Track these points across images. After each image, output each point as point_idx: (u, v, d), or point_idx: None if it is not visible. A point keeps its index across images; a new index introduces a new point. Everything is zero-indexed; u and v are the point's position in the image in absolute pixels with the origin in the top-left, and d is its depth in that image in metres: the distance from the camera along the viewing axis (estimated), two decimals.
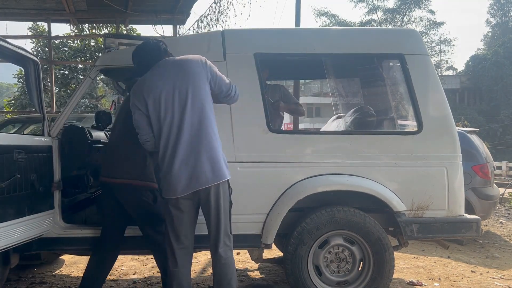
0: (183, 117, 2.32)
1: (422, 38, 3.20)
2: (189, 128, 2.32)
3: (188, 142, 2.32)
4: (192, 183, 2.31)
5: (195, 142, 2.32)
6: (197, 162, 2.30)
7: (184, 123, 2.32)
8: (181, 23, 9.21)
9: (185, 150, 2.31)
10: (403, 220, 2.88)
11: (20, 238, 2.50)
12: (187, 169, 2.30)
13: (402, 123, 3.26)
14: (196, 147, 2.32)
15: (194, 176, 2.30)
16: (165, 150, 2.35)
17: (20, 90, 11.92)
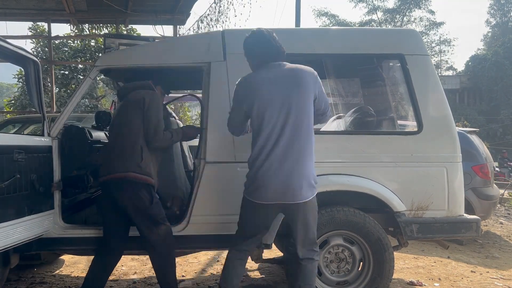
0: (285, 127, 2.30)
1: (422, 38, 3.20)
2: (288, 139, 2.29)
3: (284, 152, 2.29)
4: (283, 195, 2.29)
5: (292, 154, 2.29)
6: (292, 174, 2.27)
7: (285, 133, 2.30)
8: (181, 23, 9.21)
9: (281, 160, 2.29)
10: (403, 220, 2.89)
11: (20, 238, 2.50)
12: (280, 179, 2.27)
13: (402, 123, 3.26)
14: (293, 159, 2.28)
15: (286, 188, 2.28)
16: (259, 154, 2.32)
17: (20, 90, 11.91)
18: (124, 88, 2.92)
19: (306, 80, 2.36)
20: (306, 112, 2.34)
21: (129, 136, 2.68)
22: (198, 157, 2.91)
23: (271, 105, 2.32)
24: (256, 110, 2.35)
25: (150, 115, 2.67)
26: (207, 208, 2.88)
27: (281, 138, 2.29)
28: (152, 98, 2.72)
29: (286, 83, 2.34)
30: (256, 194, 2.34)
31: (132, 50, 3.90)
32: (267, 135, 2.31)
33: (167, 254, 2.72)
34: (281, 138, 2.29)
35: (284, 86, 2.33)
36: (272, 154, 2.29)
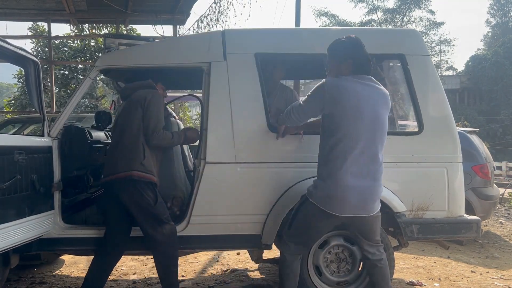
0: (373, 143, 2.34)
1: (423, 38, 3.20)
2: (374, 154, 2.35)
3: (368, 166, 2.34)
4: (360, 209, 2.34)
5: (374, 169, 2.35)
6: (370, 190, 2.35)
7: (372, 149, 2.34)
8: (181, 23, 9.21)
9: (364, 173, 2.33)
10: (403, 220, 2.88)
11: (20, 239, 2.49)
12: (361, 194, 2.32)
13: (402, 123, 3.26)
14: (374, 174, 2.36)
15: (364, 202, 2.34)
16: (341, 164, 2.31)
17: (20, 90, 11.91)
18: (126, 89, 2.94)
19: (389, 103, 2.45)
20: (386, 132, 2.43)
21: (131, 135, 2.69)
22: (198, 157, 2.91)
23: (361, 117, 2.32)
24: (341, 118, 2.32)
25: (149, 112, 2.68)
26: (207, 209, 2.88)
27: (367, 153, 2.33)
28: (153, 97, 2.74)
29: (377, 100, 2.38)
30: (334, 207, 2.35)
31: (132, 50, 3.90)
32: (351, 148, 2.31)
33: (171, 253, 2.73)
34: (366, 153, 2.33)
35: (375, 103, 2.36)
36: (356, 168, 2.31)
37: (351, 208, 2.34)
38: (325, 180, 2.38)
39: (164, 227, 2.69)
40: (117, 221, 2.76)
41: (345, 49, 2.45)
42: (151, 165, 2.70)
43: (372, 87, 2.40)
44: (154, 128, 2.67)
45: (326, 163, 2.39)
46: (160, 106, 2.76)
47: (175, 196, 3.10)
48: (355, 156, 2.31)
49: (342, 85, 2.37)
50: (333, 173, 2.34)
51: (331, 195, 2.35)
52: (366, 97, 2.34)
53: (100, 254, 2.79)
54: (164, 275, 2.75)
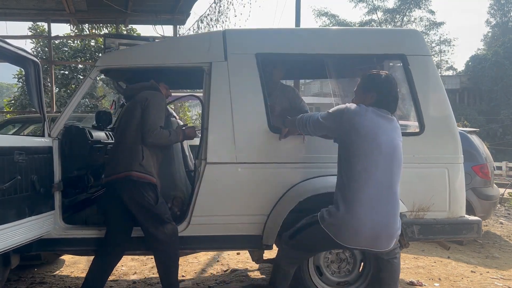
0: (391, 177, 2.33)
1: (424, 39, 3.19)
2: (391, 190, 2.33)
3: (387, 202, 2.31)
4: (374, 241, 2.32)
5: (391, 205, 2.33)
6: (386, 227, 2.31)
7: (389, 183, 2.32)
8: (181, 23, 9.21)
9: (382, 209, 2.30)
10: (404, 221, 2.87)
11: (21, 239, 2.49)
12: (373, 225, 2.28)
13: (403, 123, 3.25)
14: (391, 209, 2.33)
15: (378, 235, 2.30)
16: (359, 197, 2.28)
17: (20, 90, 11.90)
18: (129, 89, 2.96)
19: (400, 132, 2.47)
20: (402, 165, 2.41)
21: (131, 135, 2.70)
22: (199, 158, 2.91)
23: (379, 150, 2.31)
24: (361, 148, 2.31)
25: (147, 112, 2.68)
26: (208, 209, 2.88)
27: (382, 187, 2.30)
28: (153, 98, 2.74)
29: (394, 133, 2.40)
30: (346, 238, 2.32)
31: (132, 50, 3.89)
32: (368, 180, 2.28)
33: (172, 253, 2.73)
34: (382, 187, 2.30)
35: (393, 136, 2.38)
36: (374, 202, 2.28)
37: (363, 241, 2.31)
38: (339, 209, 2.33)
39: (166, 227, 2.69)
40: (118, 221, 2.76)
41: (384, 84, 2.45)
42: (150, 165, 2.70)
43: (390, 120, 2.42)
44: (151, 127, 2.66)
45: (342, 192, 2.35)
46: (160, 106, 2.76)
47: (176, 196, 3.10)
48: (372, 189, 2.28)
49: (362, 113, 2.36)
50: (348, 204, 2.30)
51: (344, 226, 2.30)
52: (384, 129, 2.35)
53: (101, 254, 2.79)
54: (164, 275, 2.75)
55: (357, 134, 2.32)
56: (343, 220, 2.30)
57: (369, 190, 2.28)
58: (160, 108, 2.76)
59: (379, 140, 2.32)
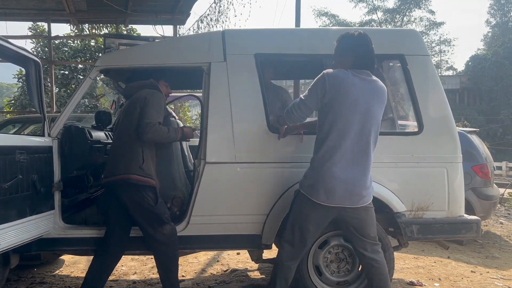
0: (363, 134, 2.38)
1: (422, 39, 3.20)
2: (364, 146, 2.39)
3: (357, 157, 2.37)
4: (348, 198, 2.36)
5: (363, 160, 2.39)
6: (360, 179, 2.38)
7: (362, 140, 2.38)
8: (181, 23, 9.21)
9: (353, 164, 2.36)
10: (403, 221, 2.89)
11: (21, 239, 2.49)
12: (348, 182, 2.34)
13: (402, 123, 3.26)
14: (363, 165, 2.39)
15: (352, 192, 2.36)
16: (331, 154, 2.36)
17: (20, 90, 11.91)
18: (129, 88, 2.94)
19: (385, 97, 2.49)
20: (378, 126, 2.45)
21: (130, 136, 2.69)
22: (198, 158, 2.91)
23: (354, 109, 2.36)
24: (337, 108, 2.37)
25: (146, 109, 2.67)
26: (207, 209, 2.88)
27: (356, 145, 2.36)
28: (152, 96, 2.73)
29: (372, 95, 2.41)
30: (320, 196, 2.37)
31: (132, 50, 3.90)
32: (342, 138, 2.36)
33: (172, 253, 2.74)
34: (356, 145, 2.36)
35: (369, 96, 2.40)
36: (346, 158, 2.35)
37: (337, 198, 2.35)
38: (314, 169, 2.43)
39: (165, 227, 2.69)
40: (117, 221, 2.76)
41: (351, 42, 2.49)
42: (150, 168, 2.70)
43: (368, 82, 2.44)
44: (149, 122, 2.63)
45: (317, 153, 2.43)
46: (158, 104, 2.74)
47: (175, 196, 3.10)
48: (345, 148, 2.35)
49: (341, 76, 2.41)
50: (321, 163, 2.39)
51: (317, 184, 2.38)
52: (362, 91, 2.39)
53: (100, 254, 2.79)
54: (165, 275, 2.76)
55: (338, 94, 2.37)
56: (318, 179, 2.37)
57: (342, 149, 2.35)
58: (159, 106, 2.74)
59: (356, 101, 2.36)
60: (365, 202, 2.43)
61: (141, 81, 2.89)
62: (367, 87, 2.42)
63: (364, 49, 2.47)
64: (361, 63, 2.46)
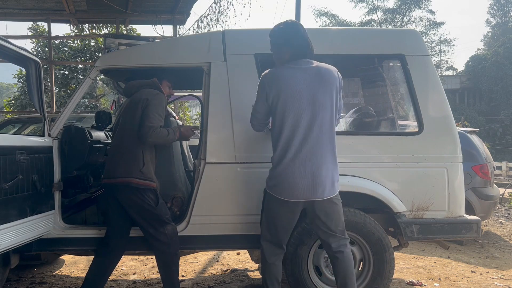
0: (314, 124, 2.33)
1: (423, 39, 3.19)
2: (317, 136, 2.34)
3: (313, 149, 2.32)
4: (311, 191, 2.32)
5: (319, 151, 2.33)
6: (318, 172, 2.32)
7: (313, 130, 2.33)
8: (181, 23, 9.20)
9: (309, 156, 2.32)
10: (403, 221, 2.88)
11: (21, 239, 2.50)
12: (306, 176, 2.31)
13: (402, 123, 3.26)
14: (320, 156, 2.33)
15: (314, 184, 2.32)
16: (287, 151, 2.34)
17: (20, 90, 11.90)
18: (130, 86, 2.89)
19: (333, 80, 2.40)
20: (331, 111, 2.38)
21: (131, 138, 2.67)
22: (198, 158, 2.91)
23: (299, 101, 2.33)
24: (282, 104, 2.35)
25: (147, 111, 2.64)
26: (207, 209, 2.88)
27: (309, 136, 2.32)
28: (153, 98, 2.71)
29: (317, 81, 2.36)
30: (284, 193, 2.36)
31: (132, 50, 3.89)
32: (294, 132, 2.33)
33: (174, 253, 2.74)
34: (309, 136, 2.32)
35: (312, 84, 2.35)
36: (301, 151, 2.32)
37: (301, 193, 2.33)
38: (274, 168, 2.41)
39: (166, 228, 2.69)
40: (117, 221, 2.76)
41: (283, 35, 2.45)
42: (150, 171, 2.69)
43: (310, 70, 2.39)
44: (151, 125, 2.62)
45: (275, 152, 2.41)
46: (160, 106, 2.72)
47: (175, 196, 3.10)
48: (299, 142, 2.33)
49: (278, 73, 2.39)
50: (280, 161, 2.37)
51: (280, 182, 2.36)
52: (304, 81, 2.35)
53: (101, 254, 2.79)
54: (166, 275, 2.75)
55: (281, 93, 2.35)
56: (279, 177, 2.36)
57: (296, 143, 2.32)
58: (160, 108, 2.72)
59: (301, 94, 2.33)
60: (331, 194, 2.36)
61: (143, 80, 2.86)
62: (309, 76, 2.37)
63: (298, 39, 2.40)
64: (298, 53, 2.41)
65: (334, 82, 2.40)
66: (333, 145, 2.39)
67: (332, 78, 2.40)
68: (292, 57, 2.42)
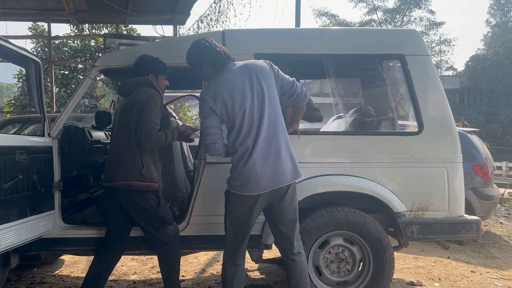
0: (262, 116, 2.39)
1: (422, 39, 3.19)
2: (268, 126, 2.39)
3: (267, 139, 2.38)
4: (275, 180, 2.36)
5: (274, 140, 2.39)
6: (278, 159, 2.37)
7: (264, 122, 2.38)
8: (181, 23, 9.20)
9: (266, 148, 2.37)
10: (403, 221, 2.89)
11: (21, 239, 2.50)
12: (270, 166, 2.36)
13: (402, 123, 3.26)
14: (276, 144, 2.39)
15: (276, 173, 2.36)
16: (245, 150, 2.38)
17: (20, 90, 11.90)
18: (125, 86, 2.83)
19: (264, 69, 2.45)
20: (275, 97, 2.44)
21: (128, 141, 2.64)
22: (198, 158, 2.91)
23: (243, 99, 2.39)
24: (231, 109, 2.40)
25: (144, 115, 2.61)
26: (207, 209, 2.88)
27: (261, 128, 2.37)
28: (148, 100, 2.64)
29: (250, 76, 2.42)
30: (251, 188, 2.37)
31: (132, 50, 3.89)
32: (248, 128, 2.38)
33: (175, 254, 2.74)
34: (261, 128, 2.37)
35: (249, 80, 2.41)
36: (257, 144, 2.36)
37: (265, 183, 2.36)
38: (236, 168, 2.43)
39: (168, 228, 2.69)
40: (118, 222, 2.76)
41: (197, 58, 2.54)
42: (150, 172, 2.66)
43: (239, 70, 2.45)
44: (148, 132, 2.58)
45: (235, 153, 2.44)
46: (156, 108, 2.65)
47: (175, 196, 3.10)
48: (254, 136, 2.37)
49: (216, 84, 2.44)
50: (240, 159, 2.40)
51: (244, 178, 2.38)
52: (241, 81, 2.40)
53: (100, 254, 2.79)
54: (167, 275, 2.75)
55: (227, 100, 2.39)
56: (244, 173, 2.38)
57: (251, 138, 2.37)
58: (156, 110, 2.66)
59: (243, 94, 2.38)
60: (295, 178, 2.43)
61: (138, 78, 2.78)
62: (241, 74, 2.42)
63: (211, 55, 2.49)
64: (219, 65, 2.49)
65: (265, 71, 2.45)
66: (285, 131, 2.45)
67: (263, 68, 2.46)
68: (216, 71, 2.50)
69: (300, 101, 2.60)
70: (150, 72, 2.81)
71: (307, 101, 2.63)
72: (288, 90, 2.52)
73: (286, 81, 2.52)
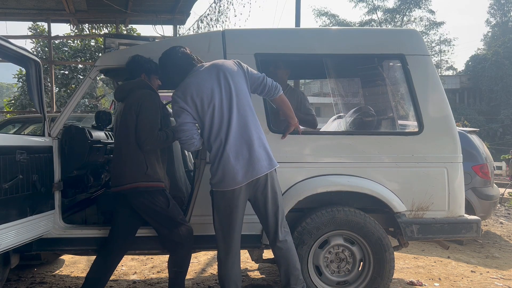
0: (232, 111, 2.45)
1: (423, 38, 3.19)
2: (238, 120, 2.45)
3: (239, 133, 2.44)
4: (250, 172, 2.42)
5: (245, 133, 2.45)
6: (251, 151, 2.43)
7: (233, 117, 2.45)
8: (181, 23, 9.20)
9: (238, 141, 2.43)
10: (403, 220, 2.89)
11: (21, 239, 2.50)
12: (243, 158, 2.42)
13: (402, 123, 3.26)
14: (248, 137, 2.45)
15: (251, 165, 2.42)
16: (218, 145, 2.45)
17: (20, 90, 11.92)
18: (120, 91, 2.84)
19: (230, 66, 2.54)
20: (244, 92, 2.52)
21: (131, 144, 2.65)
22: (199, 157, 2.91)
23: (213, 97, 2.46)
24: (201, 107, 2.46)
25: (142, 118, 2.61)
26: (207, 209, 2.87)
27: (232, 122, 2.44)
28: (145, 101, 2.64)
29: (217, 74, 2.50)
30: (230, 182, 2.42)
31: (131, 50, 3.89)
32: (219, 125, 2.45)
33: (186, 255, 2.76)
34: (232, 122, 2.44)
35: (216, 78, 2.49)
36: (229, 139, 2.42)
37: (241, 176, 2.41)
38: (213, 165, 2.50)
39: (181, 229, 2.70)
40: (125, 224, 2.75)
41: (167, 64, 2.63)
42: (156, 172, 2.67)
43: (207, 69, 2.54)
44: (147, 135, 2.59)
45: (210, 151, 2.51)
46: (153, 108, 2.66)
47: (175, 196, 3.10)
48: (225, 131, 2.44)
49: (186, 84, 2.52)
50: (215, 156, 2.47)
51: (221, 175, 2.44)
52: (209, 79, 2.49)
53: (102, 254, 2.79)
54: (174, 276, 2.75)
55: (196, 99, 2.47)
56: (220, 170, 2.44)
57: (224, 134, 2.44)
58: (154, 110, 2.66)
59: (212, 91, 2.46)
60: (269, 168, 2.47)
61: (131, 81, 2.78)
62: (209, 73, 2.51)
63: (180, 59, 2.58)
64: (188, 67, 2.58)
65: (233, 68, 2.54)
66: (256, 124, 2.51)
67: (230, 65, 2.55)
68: (185, 74, 2.58)
69: (273, 94, 2.64)
70: (142, 72, 2.81)
71: (281, 93, 2.66)
72: (259, 84, 2.58)
73: (255, 77, 2.59)
